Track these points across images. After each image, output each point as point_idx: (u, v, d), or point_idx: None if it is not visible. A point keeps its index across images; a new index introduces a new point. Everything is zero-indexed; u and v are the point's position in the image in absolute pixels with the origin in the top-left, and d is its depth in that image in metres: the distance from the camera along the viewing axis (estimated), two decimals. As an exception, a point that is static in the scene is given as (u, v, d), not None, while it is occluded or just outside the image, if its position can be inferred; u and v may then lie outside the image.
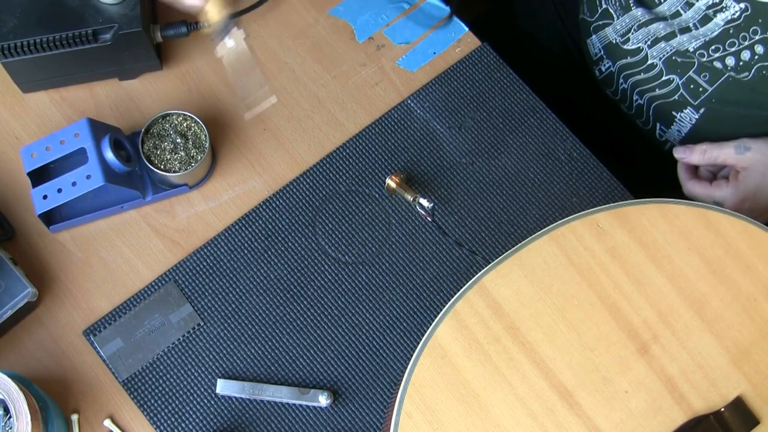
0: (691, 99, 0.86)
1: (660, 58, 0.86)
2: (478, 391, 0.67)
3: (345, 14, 0.93)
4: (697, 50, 0.82)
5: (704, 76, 0.83)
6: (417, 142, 0.88)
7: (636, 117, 0.95)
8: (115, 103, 0.88)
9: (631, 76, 0.91)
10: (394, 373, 0.80)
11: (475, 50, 0.92)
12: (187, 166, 0.81)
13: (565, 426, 0.66)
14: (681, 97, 0.87)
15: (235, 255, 0.83)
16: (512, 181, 0.87)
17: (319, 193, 0.86)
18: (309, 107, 0.89)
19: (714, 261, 0.72)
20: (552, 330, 0.69)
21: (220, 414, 0.78)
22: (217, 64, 0.90)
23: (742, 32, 0.78)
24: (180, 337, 0.80)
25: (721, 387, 0.68)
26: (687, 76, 0.85)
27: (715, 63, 0.81)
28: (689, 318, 0.70)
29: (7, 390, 0.67)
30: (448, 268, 0.84)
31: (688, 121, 0.89)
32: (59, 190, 0.78)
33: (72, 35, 0.80)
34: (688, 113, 0.87)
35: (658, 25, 0.85)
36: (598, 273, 0.71)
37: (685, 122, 0.89)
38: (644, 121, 0.94)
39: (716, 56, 0.80)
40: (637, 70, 0.90)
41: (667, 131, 0.92)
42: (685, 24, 0.82)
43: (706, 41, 0.81)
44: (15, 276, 0.77)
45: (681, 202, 0.74)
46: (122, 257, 0.83)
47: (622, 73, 0.92)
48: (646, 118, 0.91)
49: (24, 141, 0.86)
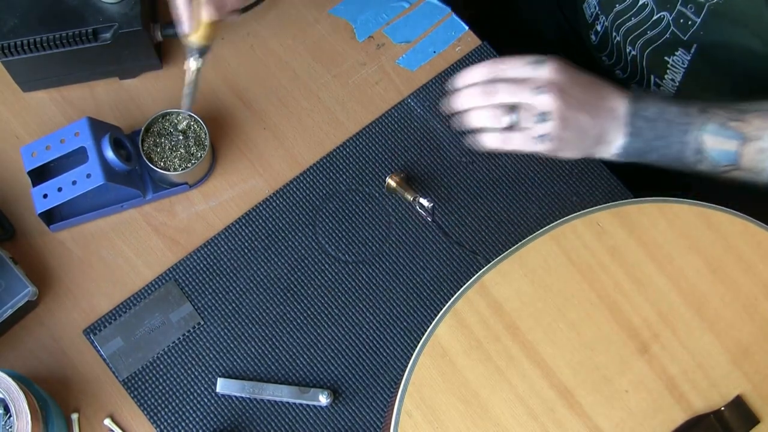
0: (681, 34, 0.84)
1: None
2: (478, 390, 0.67)
3: (345, 13, 0.93)
4: None
5: (690, 7, 0.81)
6: (417, 141, 0.88)
7: (630, 78, 0.94)
8: (115, 102, 0.88)
9: (624, 24, 0.90)
10: (394, 372, 0.80)
11: (475, 49, 0.92)
12: (187, 164, 0.81)
13: (565, 425, 0.66)
14: (672, 34, 0.85)
15: (235, 254, 0.83)
16: (512, 181, 0.87)
17: (319, 193, 0.86)
18: (309, 106, 0.89)
19: (714, 260, 0.72)
20: (552, 329, 0.69)
21: (220, 413, 0.78)
22: (217, 64, 0.90)
23: None
24: (180, 336, 0.80)
25: (721, 386, 0.68)
26: (676, 10, 0.83)
27: None
28: (689, 317, 0.70)
29: (7, 389, 0.67)
30: (448, 267, 0.84)
31: (681, 65, 0.87)
32: (59, 189, 0.78)
33: (72, 34, 0.80)
34: (680, 56, 0.86)
35: None
36: (598, 272, 0.71)
37: (678, 67, 0.87)
38: (639, 80, 0.93)
39: None
40: (628, 16, 0.89)
41: (661, 83, 0.91)
42: None
43: None
44: (15, 275, 0.77)
45: (681, 202, 0.74)
46: (122, 256, 0.83)
47: (615, 22, 0.91)
48: (640, 73, 0.90)
49: (24, 140, 0.86)
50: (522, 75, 0.74)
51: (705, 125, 0.73)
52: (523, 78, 0.73)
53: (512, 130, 0.74)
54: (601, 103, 0.74)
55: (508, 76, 0.74)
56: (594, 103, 0.74)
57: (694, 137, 0.73)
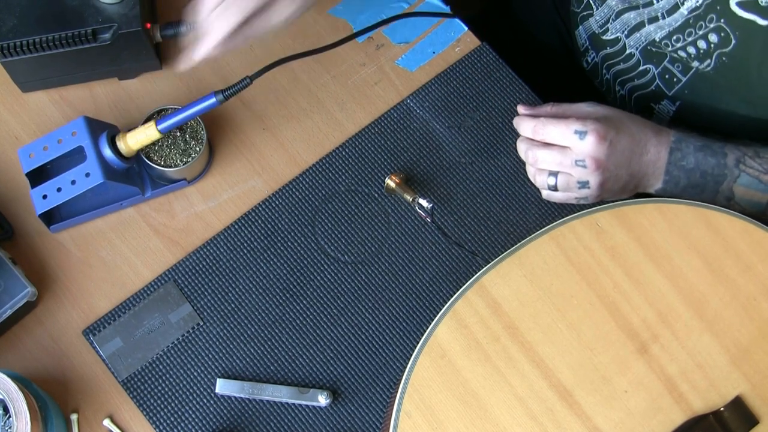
0: (666, 90, 0.86)
1: (637, 47, 0.87)
2: (477, 390, 0.67)
3: (344, 13, 0.93)
4: (662, 40, 0.83)
5: (677, 66, 0.83)
6: (416, 141, 0.88)
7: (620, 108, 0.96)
8: (115, 102, 0.88)
9: (613, 67, 0.92)
10: (394, 372, 0.80)
11: (474, 50, 0.92)
12: (186, 158, 0.81)
13: (564, 425, 0.66)
14: (657, 87, 0.87)
15: (235, 254, 0.83)
16: (512, 181, 0.87)
17: (319, 193, 0.86)
18: (308, 107, 0.89)
19: (713, 260, 0.72)
20: (551, 329, 0.69)
21: (220, 413, 0.78)
22: (216, 64, 0.90)
23: (699, 21, 0.78)
24: (179, 337, 0.80)
25: (720, 386, 0.68)
26: (662, 66, 0.85)
27: (679, 53, 0.81)
28: (689, 317, 0.70)
29: (6, 389, 0.67)
30: (448, 267, 0.84)
31: (666, 114, 0.89)
32: (59, 189, 0.78)
33: (71, 35, 0.80)
34: (666, 105, 0.88)
35: (630, 14, 0.86)
36: (597, 272, 0.71)
37: (663, 115, 0.89)
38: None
39: (678, 46, 0.81)
40: (617, 60, 0.91)
41: None
42: (655, 13, 0.83)
43: (670, 31, 0.82)
44: (14, 275, 0.77)
45: (680, 202, 0.74)
46: (122, 257, 0.83)
47: (605, 63, 0.93)
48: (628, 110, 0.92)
49: (23, 140, 0.86)
50: (564, 143, 0.77)
51: (739, 178, 0.76)
52: (566, 145, 0.77)
53: (554, 191, 0.80)
54: (642, 159, 0.77)
55: (552, 141, 0.78)
56: (635, 159, 0.77)
57: (728, 187, 0.77)
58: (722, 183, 0.77)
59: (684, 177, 0.77)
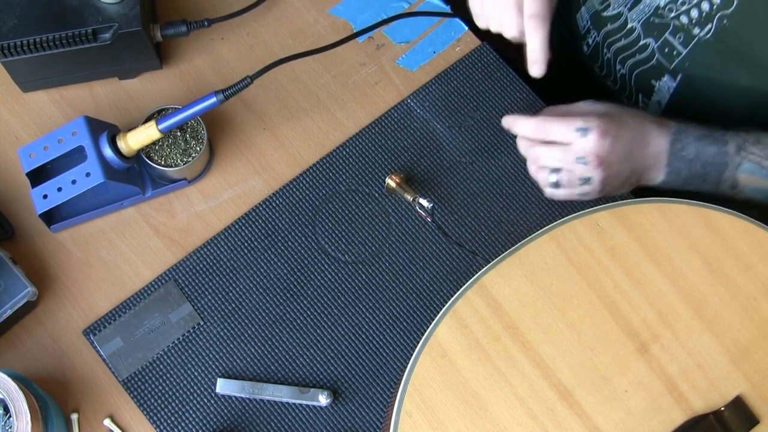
0: (667, 63, 0.86)
1: (639, 20, 0.86)
2: (477, 390, 0.67)
3: (345, 13, 0.93)
4: (667, 5, 0.82)
5: (679, 37, 0.83)
6: (417, 141, 0.88)
7: (621, 91, 0.95)
8: (115, 102, 0.88)
9: (613, 44, 0.92)
10: (394, 372, 0.80)
11: (475, 49, 0.92)
12: (187, 158, 0.81)
13: (564, 425, 0.66)
14: (657, 62, 0.86)
15: (235, 254, 0.83)
16: (512, 181, 0.87)
17: (319, 193, 0.86)
18: (309, 106, 0.89)
19: (713, 260, 0.72)
20: (552, 329, 0.69)
21: (220, 413, 0.78)
22: (216, 64, 0.90)
23: None
24: (180, 337, 0.80)
25: (720, 386, 0.68)
26: (663, 38, 0.84)
27: (681, 18, 0.81)
28: (689, 317, 0.70)
29: (6, 389, 0.67)
30: (448, 267, 0.84)
31: (666, 91, 0.88)
32: (59, 189, 0.78)
33: (71, 34, 0.80)
34: (666, 81, 0.87)
35: None
36: (597, 272, 0.71)
37: (664, 92, 0.89)
38: (628, 95, 0.94)
39: (683, 9, 0.80)
40: (618, 37, 0.90)
41: (648, 104, 0.92)
42: None
43: None
44: (15, 275, 0.77)
45: (680, 201, 0.74)
46: (122, 256, 0.83)
47: (606, 41, 0.93)
48: (629, 90, 0.91)
49: (24, 140, 0.86)
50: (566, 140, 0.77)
51: (741, 165, 0.76)
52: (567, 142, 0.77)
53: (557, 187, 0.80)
54: (643, 151, 0.77)
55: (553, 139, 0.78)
56: (637, 153, 0.77)
57: (730, 175, 0.77)
58: (724, 171, 0.77)
59: (685, 168, 0.77)
